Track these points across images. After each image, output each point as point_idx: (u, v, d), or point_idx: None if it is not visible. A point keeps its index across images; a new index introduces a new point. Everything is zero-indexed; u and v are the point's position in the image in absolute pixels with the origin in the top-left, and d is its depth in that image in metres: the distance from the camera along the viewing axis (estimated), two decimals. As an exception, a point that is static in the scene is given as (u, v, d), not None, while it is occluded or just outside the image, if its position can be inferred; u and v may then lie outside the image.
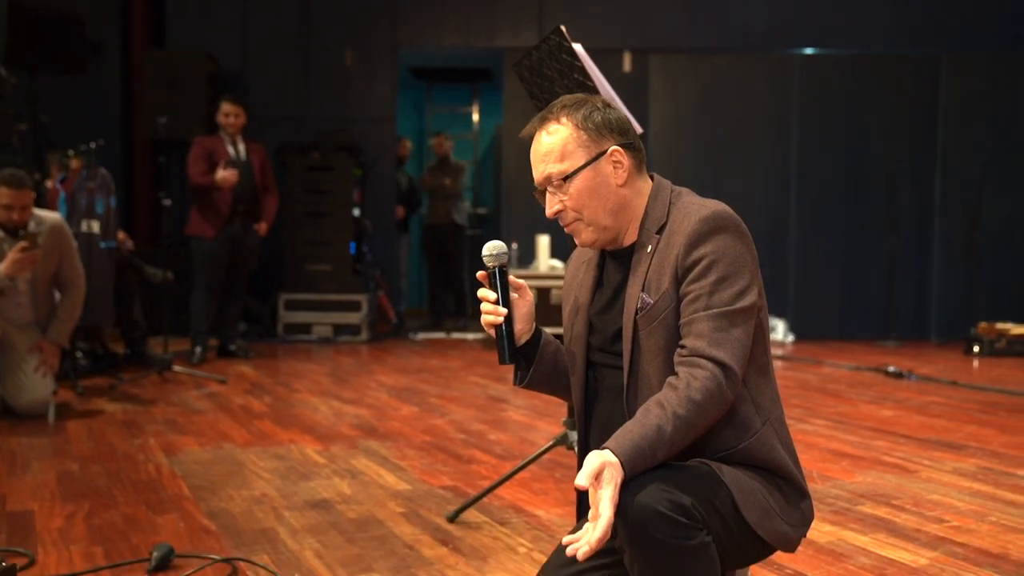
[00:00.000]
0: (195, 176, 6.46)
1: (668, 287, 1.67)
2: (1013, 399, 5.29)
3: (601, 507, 1.48)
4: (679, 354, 1.65)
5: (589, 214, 1.73)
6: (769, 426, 1.70)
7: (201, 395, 5.29)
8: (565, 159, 1.72)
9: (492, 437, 4.23)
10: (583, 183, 1.72)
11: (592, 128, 1.73)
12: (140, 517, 2.95)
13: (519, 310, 1.82)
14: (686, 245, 1.66)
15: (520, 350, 1.84)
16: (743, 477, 1.65)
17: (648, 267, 1.71)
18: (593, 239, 1.77)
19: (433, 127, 11.40)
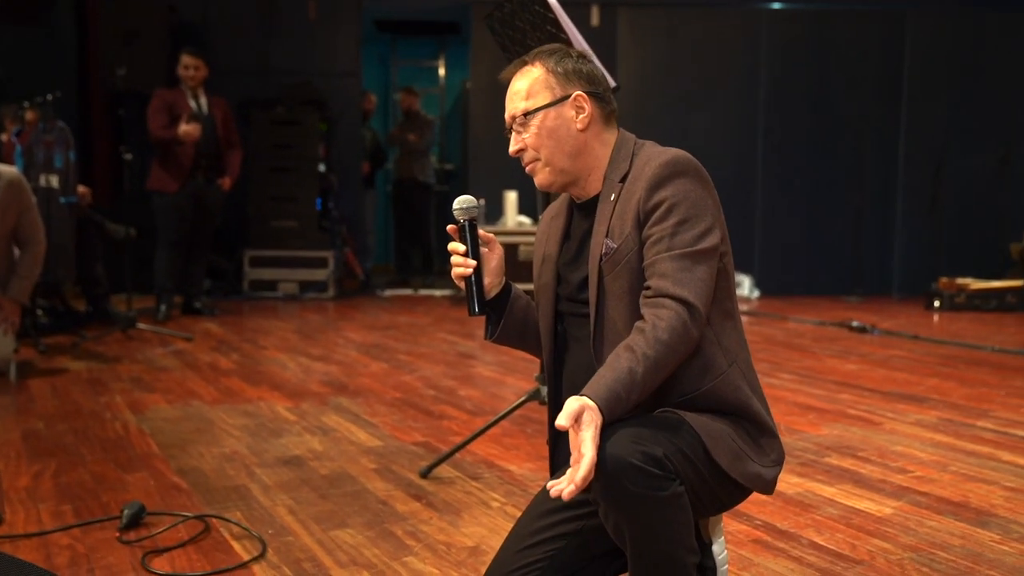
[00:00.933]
0: (156, 129, 6.33)
1: (631, 231, 1.70)
2: (972, 352, 5.40)
3: (583, 448, 1.48)
4: (644, 296, 1.67)
5: (547, 154, 1.77)
6: (736, 368, 1.72)
7: (167, 352, 5.24)
8: (530, 98, 1.78)
9: (462, 393, 4.24)
10: (544, 123, 1.77)
11: (561, 73, 1.78)
12: (109, 475, 2.92)
13: (489, 263, 1.84)
14: (647, 189, 1.69)
15: (490, 303, 1.86)
16: (711, 422, 1.67)
17: (612, 214, 1.74)
18: (550, 180, 1.80)
19: (399, 81, 11.26)
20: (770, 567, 2.21)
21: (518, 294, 1.92)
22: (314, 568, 2.20)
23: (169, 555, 2.27)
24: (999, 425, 3.60)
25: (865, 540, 2.37)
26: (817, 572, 2.17)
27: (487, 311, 1.84)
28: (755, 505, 2.64)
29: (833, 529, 2.46)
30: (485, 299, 1.82)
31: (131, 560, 2.23)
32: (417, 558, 2.26)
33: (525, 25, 2.75)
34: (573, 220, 1.88)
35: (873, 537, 2.39)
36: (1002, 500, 2.70)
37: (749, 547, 2.33)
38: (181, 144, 6.32)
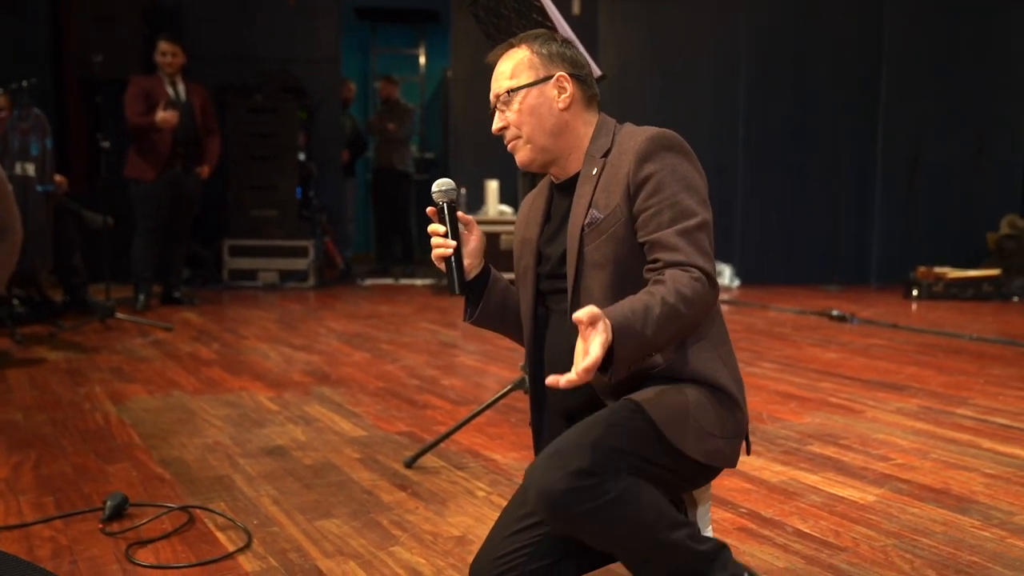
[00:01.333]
0: (133, 117, 6.26)
1: (620, 201, 1.72)
2: (950, 341, 5.45)
3: (591, 347, 1.48)
4: (651, 268, 1.69)
5: (528, 131, 1.81)
6: (707, 341, 1.74)
7: (146, 342, 5.20)
8: (514, 77, 1.82)
9: (445, 382, 4.23)
10: (526, 101, 1.80)
11: (545, 54, 1.83)
12: (90, 466, 2.89)
13: (468, 245, 1.85)
14: (636, 160, 1.71)
15: (470, 285, 1.87)
16: (667, 399, 1.66)
17: (595, 186, 1.76)
18: (530, 158, 1.82)
19: (379, 69, 11.19)
20: (756, 555, 2.22)
21: (497, 277, 1.94)
22: (300, 558, 2.19)
23: (153, 546, 2.25)
24: (978, 413, 3.64)
25: (849, 527, 2.39)
26: (802, 559, 2.19)
27: (467, 292, 1.85)
28: (739, 493, 2.66)
29: (817, 516, 2.47)
30: (465, 280, 1.83)
31: (115, 552, 2.21)
32: (404, 548, 2.26)
33: (510, 12, 2.74)
34: (553, 201, 1.90)
35: (857, 524, 2.41)
36: (982, 487, 2.73)
37: (735, 535, 2.34)
38: (159, 132, 6.26)
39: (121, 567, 2.12)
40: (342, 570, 2.12)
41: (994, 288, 7.66)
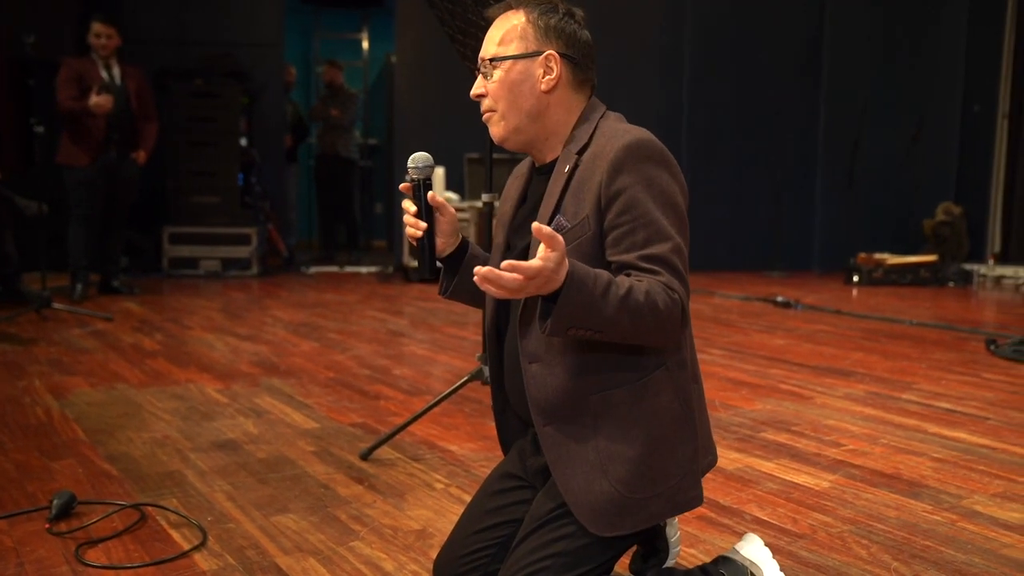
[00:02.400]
0: (65, 100, 6.06)
1: (589, 213, 1.61)
2: (892, 326, 5.57)
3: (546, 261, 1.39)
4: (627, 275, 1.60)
5: (503, 107, 1.70)
6: (665, 371, 1.65)
7: (86, 333, 5.05)
8: (502, 44, 1.70)
9: (397, 372, 4.19)
10: (508, 74, 1.69)
11: (541, 27, 1.69)
12: (34, 463, 2.80)
13: (441, 225, 1.79)
14: (609, 172, 1.59)
15: (444, 261, 1.83)
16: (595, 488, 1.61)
17: (564, 189, 1.66)
18: (503, 136, 1.72)
19: (321, 54, 11.02)
20: (716, 543, 2.23)
21: (475, 252, 1.88)
22: (258, 555, 2.14)
23: (104, 546, 2.18)
24: (923, 397, 3.72)
25: (806, 514, 2.42)
26: (762, 547, 2.21)
27: (437, 270, 1.81)
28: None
29: (774, 504, 2.50)
30: (436, 262, 1.79)
31: (63, 552, 2.13)
32: (364, 543, 2.23)
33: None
34: (531, 184, 1.82)
35: (813, 511, 2.45)
36: (931, 471, 2.78)
37: (694, 524, 2.35)
38: (92, 116, 6.07)
39: (71, 568, 2.05)
40: (302, 567, 2.08)
41: (931, 274, 7.86)
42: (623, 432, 1.62)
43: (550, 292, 1.44)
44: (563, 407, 1.63)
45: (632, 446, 1.61)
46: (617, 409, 1.62)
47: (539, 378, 1.64)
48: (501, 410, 1.88)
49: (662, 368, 1.64)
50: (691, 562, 2.12)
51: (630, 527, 1.62)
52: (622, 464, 1.61)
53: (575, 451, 1.63)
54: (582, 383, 1.62)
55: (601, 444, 1.62)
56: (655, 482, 1.62)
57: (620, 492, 1.61)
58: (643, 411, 1.62)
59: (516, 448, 1.87)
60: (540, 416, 1.64)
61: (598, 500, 1.61)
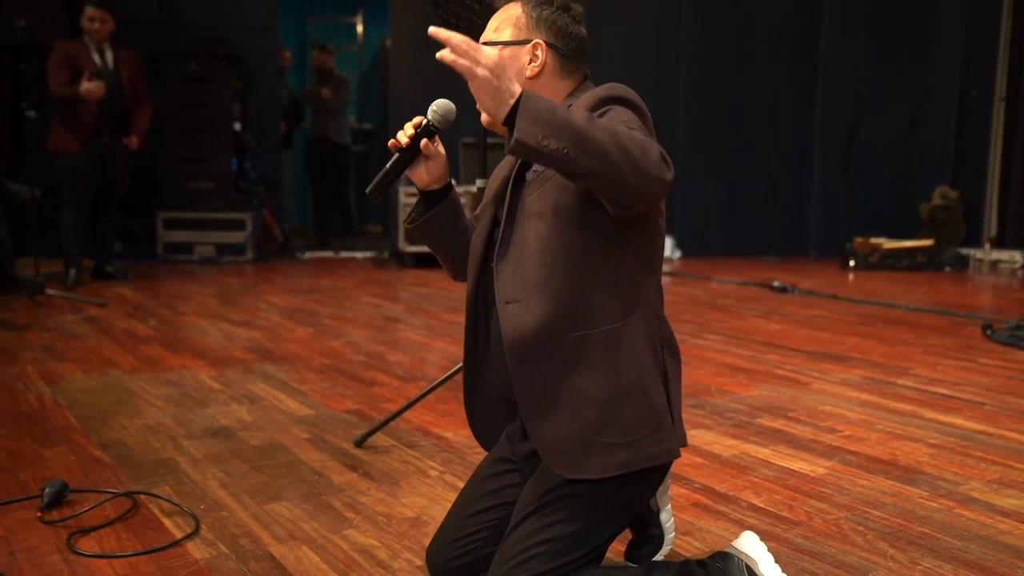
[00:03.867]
0: (56, 86, 6.00)
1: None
2: (888, 311, 5.56)
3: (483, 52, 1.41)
4: None
5: None
6: (636, 318, 1.65)
7: (79, 319, 5.02)
8: (496, 31, 1.78)
9: (391, 358, 4.17)
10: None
11: (533, 17, 1.77)
12: (26, 451, 2.78)
13: (433, 169, 1.81)
14: (587, 108, 1.63)
15: (426, 195, 1.86)
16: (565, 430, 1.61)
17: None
18: (489, 120, 1.70)
19: (316, 37, 10.95)
20: (712, 530, 2.22)
21: (456, 200, 1.89)
22: (251, 544, 2.12)
23: (96, 535, 2.16)
24: (919, 383, 3.71)
25: (802, 501, 2.41)
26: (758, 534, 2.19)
27: (379, 195, 1.79)
28: (693, 468, 2.67)
29: (770, 491, 2.49)
30: (387, 188, 1.78)
31: (55, 541, 2.12)
32: (358, 531, 2.21)
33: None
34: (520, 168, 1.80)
35: (809, 498, 2.44)
36: (927, 457, 2.78)
37: (690, 511, 2.34)
38: (84, 102, 6.01)
39: (63, 557, 2.04)
40: (295, 555, 2.06)
41: (927, 258, 7.85)
42: (596, 375, 1.61)
43: (507, 109, 1.42)
44: (538, 346, 1.62)
45: (605, 389, 1.61)
46: (592, 351, 1.61)
47: (515, 317, 1.63)
48: (472, 385, 1.88)
49: (636, 315, 1.65)
50: (687, 550, 2.11)
51: (597, 471, 1.61)
52: (593, 406, 1.61)
53: (547, 391, 1.62)
54: (558, 322, 1.61)
55: (574, 384, 1.61)
56: (625, 429, 1.62)
57: (588, 434, 1.61)
58: (617, 356, 1.62)
59: (506, 433, 1.87)
60: (514, 356, 1.63)
61: (566, 441, 1.61)
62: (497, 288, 1.67)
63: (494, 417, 1.89)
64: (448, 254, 1.94)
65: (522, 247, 1.66)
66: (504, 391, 1.79)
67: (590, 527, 1.65)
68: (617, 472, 1.62)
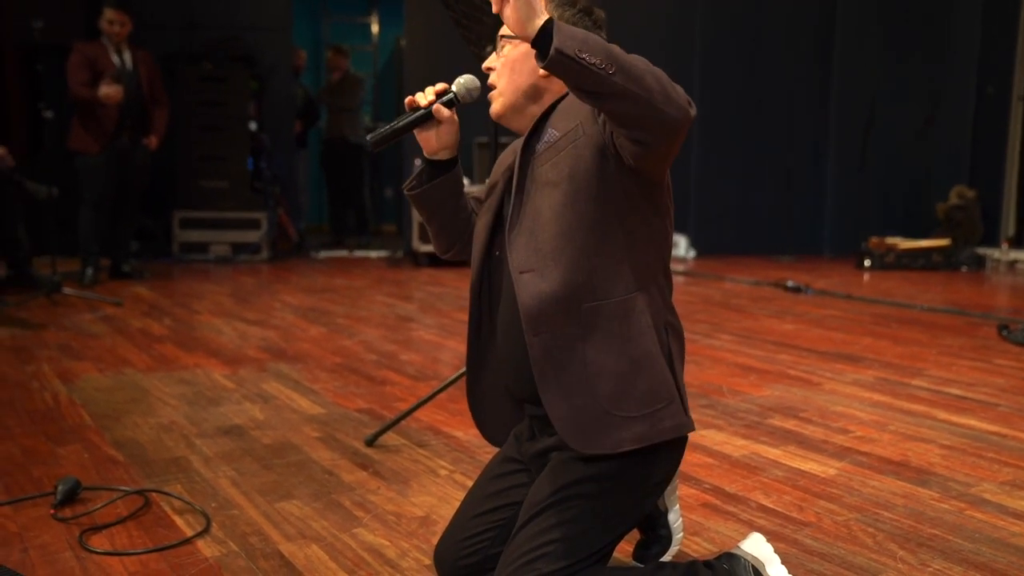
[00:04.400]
0: (76, 87, 6.05)
1: (583, 120, 1.64)
2: (903, 311, 5.53)
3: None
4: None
5: (503, 85, 1.76)
6: (643, 295, 1.65)
7: (96, 318, 5.06)
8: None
9: (404, 358, 4.18)
10: (516, 53, 1.75)
11: (556, 17, 1.70)
12: (40, 448, 2.81)
13: (444, 136, 1.83)
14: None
15: (431, 164, 1.87)
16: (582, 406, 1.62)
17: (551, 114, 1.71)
18: (500, 111, 1.78)
19: (330, 37, 10.99)
20: (720, 531, 2.22)
21: (460, 175, 1.90)
22: (261, 542, 2.14)
23: (108, 532, 2.18)
24: (933, 384, 3.69)
25: (812, 502, 2.41)
26: (767, 535, 2.19)
27: (379, 146, 1.79)
28: (703, 468, 2.66)
29: (780, 491, 2.48)
30: (393, 138, 1.79)
31: (67, 538, 2.14)
32: (367, 529, 2.22)
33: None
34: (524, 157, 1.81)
35: (819, 498, 2.43)
36: (939, 459, 2.76)
37: (699, 511, 2.34)
38: (103, 104, 6.06)
39: (75, 554, 2.06)
40: (304, 554, 2.08)
41: (943, 258, 7.80)
42: (611, 346, 1.62)
43: (540, 22, 1.45)
44: (554, 315, 1.62)
45: (619, 361, 1.62)
46: (607, 322, 1.62)
47: (531, 285, 1.63)
48: (475, 374, 1.89)
49: (645, 292, 1.66)
50: (696, 551, 2.11)
51: (612, 445, 1.61)
52: (609, 379, 1.61)
53: (563, 362, 1.63)
54: (574, 290, 1.62)
55: (589, 356, 1.62)
56: (641, 402, 1.62)
57: (604, 408, 1.61)
58: (631, 328, 1.63)
59: (514, 433, 1.87)
60: (531, 325, 1.63)
61: (581, 415, 1.61)
62: (511, 259, 1.68)
63: (498, 409, 1.89)
64: (441, 228, 1.95)
65: (535, 217, 1.66)
66: (509, 383, 1.80)
67: (598, 527, 1.65)
68: (632, 446, 1.62)
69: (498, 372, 1.84)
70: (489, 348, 1.86)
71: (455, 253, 2.00)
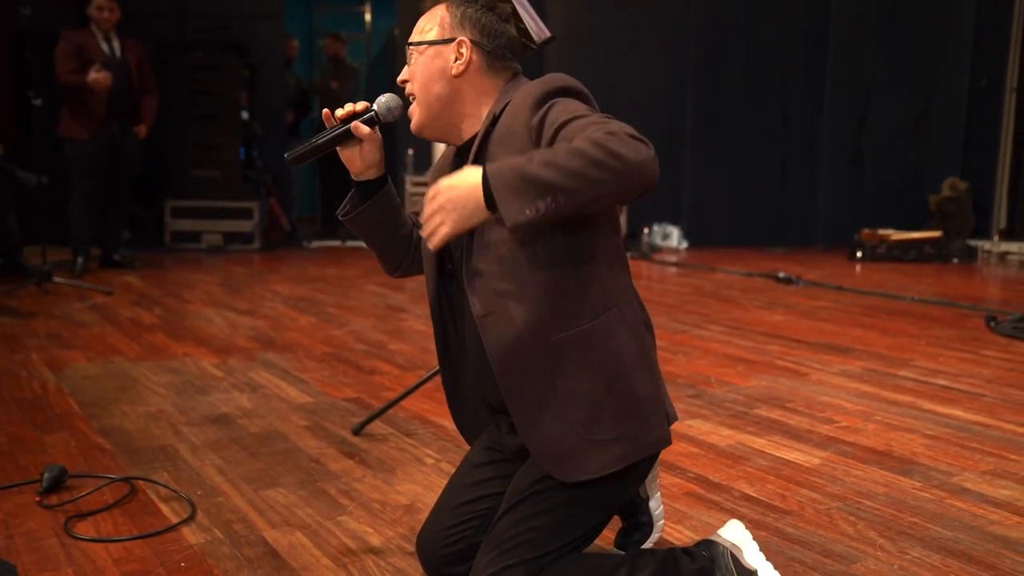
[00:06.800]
0: (64, 74, 6.03)
1: (523, 151, 1.57)
2: (893, 303, 5.54)
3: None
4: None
5: (417, 91, 1.75)
6: (616, 311, 1.65)
7: (85, 307, 5.06)
8: (422, 32, 1.77)
9: (393, 347, 4.19)
10: (424, 60, 1.75)
11: (457, 16, 1.75)
12: (27, 437, 2.81)
13: (367, 154, 1.81)
14: (531, 108, 1.59)
15: (360, 186, 1.85)
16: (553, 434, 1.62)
17: (488, 146, 1.66)
18: (420, 124, 1.76)
19: (323, 27, 10.95)
20: (703, 520, 2.24)
21: (392, 193, 1.88)
22: (246, 529, 2.15)
23: (93, 519, 2.19)
24: (919, 374, 3.71)
25: (795, 491, 2.42)
26: (749, 524, 2.20)
27: (297, 162, 1.78)
28: (688, 458, 2.68)
29: (764, 480, 2.50)
30: (311, 156, 1.77)
31: (53, 525, 2.15)
32: (351, 517, 2.23)
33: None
34: (457, 166, 1.80)
35: (802, 487, 2.44)
36: (923, 448, 2.78)
37: (683, 500, 2.35)
38: (92, 91, 6.04)
39: (59, 541, 2.07)
40: (289, 541, 2.09)
41: (935, 250, 7.82)
42: (582, 375, 1.61)
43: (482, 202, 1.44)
44: (522, 355, 1.61)
45: (591, 388, 1.62)
46: (575, 351, 1.61)
47: (496, 329, 1.62)
48: (452, 389, 1.90)
49: (614, 308, 1.65)
50: (678, 538, 2.12)
51: (595, 470, 1.62)
52: (582, 407, 1.61)
53: (536, 398, 1.63)
54: (539, 328, 1.60)
55: (560, 388, 1.61)
56: (617, 423, 1.63)
57: (581, 435, 1.61)
58: (600, 353, 1.62)
59: (495, 422, 1.88)
60: (500, 366, 1.63)
61: (561, 445, 1.62)
62: (472, 301, 1.65)
63: (480, 418, 1.90)
64: (384, 248, 1.92)
65: (489, 257, 1.62)
66: (486, 396, 1.80)
67: (579, 515, 1.66)
68: (616, 467, 1.63)
69: (473, 385, 1.84)
70: (461, 364, 1.86)
71: (403, 271, 1.97)
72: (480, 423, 1.92)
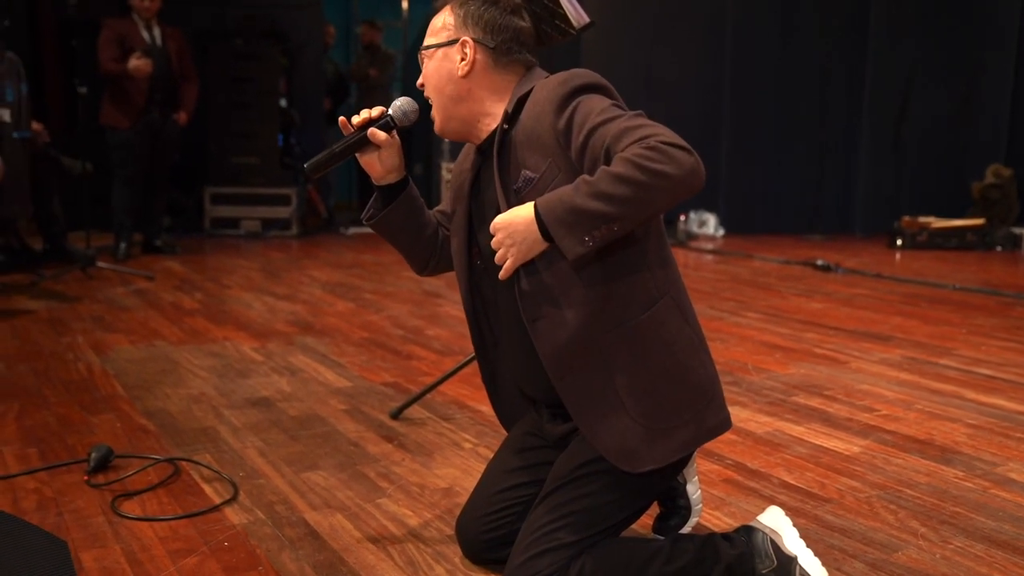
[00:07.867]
0: (106, 62, 6.12)
1: (553, 156, 1.61)
2: (933, 291, 5.47)
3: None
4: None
5: (431, 93, 1.77)
6: (668, 299, 1.66)
7: (128, 292, 5.14)
8: (432, 35, 1.78)
9: (430, 332, 4.21)
10: (434, 63, 1.76)
11: (460, 16, 1.75)
12: (74, 417, 2.87)
13: (386, 159, 1.81)
14: (555, 111, 1.60)
15: (382, 189, 1.86)
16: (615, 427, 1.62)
17: (511, 149, 1.67)
18: (439, 126, 1.79)
19: (360, 13, 10.98)
20: (742, 506, 2.23)
21: (415, 195, 1.89)
22: (287, 511, 2.18)
23: (139, 498, 2.24)
24: (962, 363, 3.66)
25: (834, 479, 2.41)
26: (788, 511, 2.20)
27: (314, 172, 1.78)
28: (726, 445, 2.67)
29: (803, 468, 2.49)
30: (330, 166, 1.78)
31: (100, 504, 2.19)
32: (391, 500, 2.26)
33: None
34: (481, 166, 1.81)
35: (841, 475, 2.43)
36: (965, 438, 2.75)
37: (721, 487, 2.35)
38: (132, 79, 6.13)
39: (107, 519, 2.11)
40: (329, 523, 2.11)
41: (978, 238, 7.69)
42: (639, 366, 1.62)
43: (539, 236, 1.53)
44: (576, 355, 1.62)
45: (649, 378, 1.62)
46: (629, 345, 1.62)
47: (547, 333, 1.63)
48: (491, 382, 1.92)
49: (666, 297, 1.66)
50: (716, 525, 2.12)
51: (662, 459, 1.63)
52: (643, 398, 1.62)
53: (595, 395, 1.63)
54: (590, 327, 1.61)
55: (618, 382, 1.62)
56: (678, 411, 1.64)
57: (644, 425, 1.62)
58: (654, 342, 1.63)
59: (535, 411, 1.89)
60: (555, 370, 1.64)
61: (625, 438, 1.62)
62: (522, 308, 1.66)
63: (519, 410, 1.92)
64: (410, 248, 1.94)
65: (535, 262, 1.62)
66: (524, 387, 1.82)
67: (620, 501, 1.67)
68: (684, 453, 1.65)
69: (513, 379, 1.86)
70: (497, 357, 1.87)
71: (431, 270, 1.99)
72: (520, 413, 1.93)
